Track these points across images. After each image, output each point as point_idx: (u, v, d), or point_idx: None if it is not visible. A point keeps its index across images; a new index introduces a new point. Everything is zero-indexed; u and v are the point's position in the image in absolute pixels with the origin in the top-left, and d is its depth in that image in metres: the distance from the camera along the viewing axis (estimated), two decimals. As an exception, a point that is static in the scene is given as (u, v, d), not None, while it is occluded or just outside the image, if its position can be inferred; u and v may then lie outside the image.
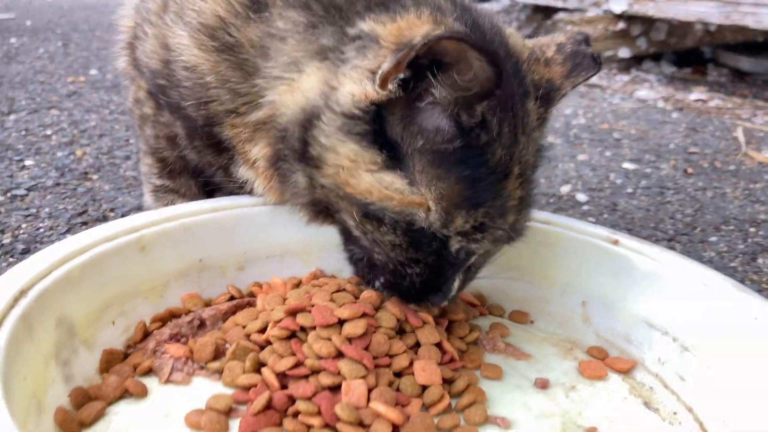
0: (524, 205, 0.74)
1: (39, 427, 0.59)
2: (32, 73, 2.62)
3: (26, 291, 0.65)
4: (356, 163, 0.70)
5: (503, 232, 0.72)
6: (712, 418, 0.71)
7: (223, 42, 0.80)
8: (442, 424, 0.67)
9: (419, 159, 0.68)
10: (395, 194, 0.69)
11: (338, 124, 0.70)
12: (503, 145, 0.69)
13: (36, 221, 1.27)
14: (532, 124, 0.74)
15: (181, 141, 0.96)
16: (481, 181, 0.68)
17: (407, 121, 0.69)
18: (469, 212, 0.68)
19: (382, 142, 0.69)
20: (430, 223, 0.69)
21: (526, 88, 0.74)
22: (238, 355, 0.73)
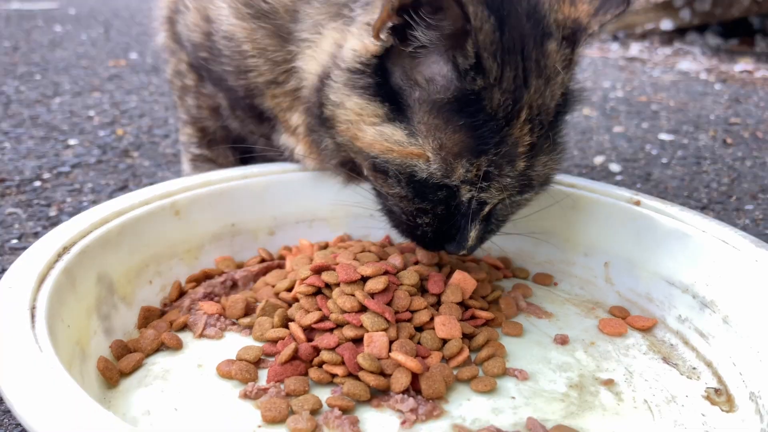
0: (538, 152, 0.71)
1: (83, 372, 0.63)
2: (75, 58, 2.70)
3: (69, 248, 0.69)
4: (361, 116, 0.71)
5: (512, 180, 0.70)
6: (731, 373, 0.72)
7: (258, 9, 0.82)
8: (460, 375, 0.69)
9: (419, 109, 0.69)
10: (395, 146, 0.70)
11: (344, 80, 0.72)
12: (505, 89, 0.67)
13: (80, 196, 1.33)
14: (553, 66, 0.71)
15: (224, 111, 0.99)
16: (479, 128, 0.67)
17: (407, 71, 0.70)
18: (470, 161, 0.68)
19: (385, 94, 0.70)
20: (431, 173, 0.69)
21: (546, 28, 0.71)
22: (267, 311, 0.76)
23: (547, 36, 0.71)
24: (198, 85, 1.01)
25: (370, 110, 0.71)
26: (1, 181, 1.36)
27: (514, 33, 0.67)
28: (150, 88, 2.29)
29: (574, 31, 0.74)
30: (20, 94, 2.09)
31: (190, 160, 1.12)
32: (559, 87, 0.72)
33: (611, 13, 0.75)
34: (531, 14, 0.70)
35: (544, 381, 0.71)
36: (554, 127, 0.73)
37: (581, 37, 0.74)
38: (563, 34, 0.72)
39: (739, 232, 0.79)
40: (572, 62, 0.74)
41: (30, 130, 1.73)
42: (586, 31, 0.74)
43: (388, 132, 0.70)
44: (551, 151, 0.73)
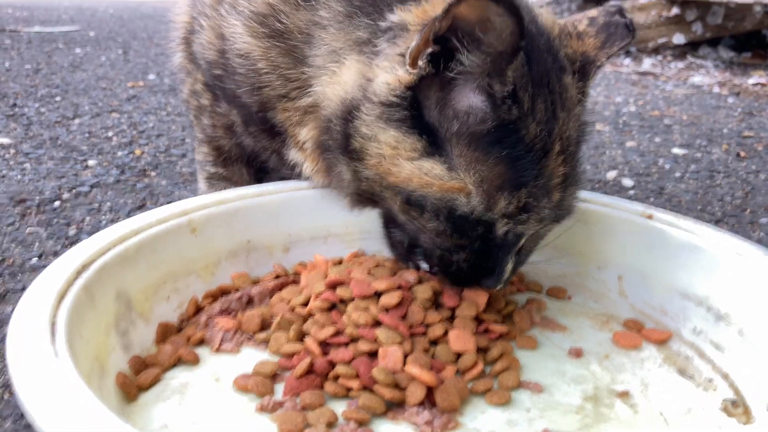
0: (569, 183, 0.73)
1: (101, 387, 0.64)
2: (95, 79, 2.75)
3: (88, 265, 0.70)
4: (397, 150, 0.71)
5: (549, 211, 0.71)
6: (748, 385, 0.72)
7: (273, 29, 0.83)
8: (475, 387, 0.70)
9: (457, 143, 0.69)
10: (435, 180, 0.69)
11: (377, 113, 0.72)
12: (538, 120, 0.68)
13: (98, 215, 1.35)
14: (572, 99, 0.74)
15: (238, 128, 1.00)
16: (520, 160, 0.68)
17: (442, 103, 0.69)
18: (511, 193, 0.68)
19: (421, 127, 0.70)
20: (473, 207, 0.69)
21: (561, 63, 0.74)
22: (283, 325, 0.77)
23: (563, 70, 0.73)
24: (213, 104, 1.02)
25: (408, 144, 0.70)
26: (22, 202, 1.39)
27: (540, 67, 0.69)
28: (168, 109, 2.33)
29: (584, 65, 0.77)
30: (41, 115, 2.13)
31: (205, 179, 1.14)
32: (577, 119, 0.75)
33: (617, 45, 0.78)
34: (548, 49, 0.73)
35: (559, 394, 0.71)
36: (577, 158, 0.75)
37: (590, 69, 0.77)
38: (575, 68, 0.76)
39: (753, 245, 0.79)
40: (585, 94, 0.77)
41: (50, 150, 1.77)
42: (595, 63, 0.77)
43: (427, 166, 0.70)
44: (577, 181, 0.75)
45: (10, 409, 0.77)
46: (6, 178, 1.53)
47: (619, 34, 0.79)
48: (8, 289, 1.03)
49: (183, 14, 1.04)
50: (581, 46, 0.78)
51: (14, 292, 1.02)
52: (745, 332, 0.74)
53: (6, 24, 4.39)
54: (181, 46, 1.07)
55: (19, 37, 3.87)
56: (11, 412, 0.76)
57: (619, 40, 0.78)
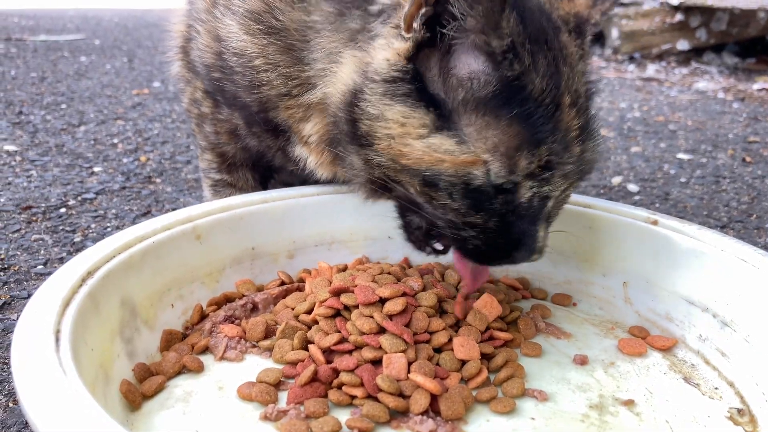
0: (587, 135, 0.72)
1: (106, 394, 0.64)
2: (100, 87, 2.77)
3: (93, 272, 0.71)
4: (405, 127, 0.70)
5: (572, 166, 0.70)
6: (754, 393, 0.71)
7: (269, 25, 0.83)
8: (479, 396, 0.69)
9: (464, 112, 0.68)
10: (446, 156, 0.68)
11: (381, 91, 0.71)
12: (542, 74, 0.68)
13: (104, 221, 1.36)
14: (573, 55, 0.74)
15: (242, 131, 1.00)
16: (532, 116, 0.67)
17: (444, 71, 0.69)
18: (531, 151, 0.67)
19: (427, 100, 0.69)
20: (493, 176, 0.68)
21: (555, 23, 0.74)
22: (287, 333, 0.77)
23: (559, 29, 0.74)
24: (214, 111, 1.02)
25: (415, 120, 0.69)
26: (28, 209, 1.40)
27: (534, 26, 0.69)
28: (172, 116, 2.33)
29: (578, 24, 0.77)
30: (46, 123, 2.14)
31: (210, 186, 1.14)
32: (581, 75, 0.74)
33: (609, 0, 0.78)
34: (540, 10, 0.74)
35: (564, 401, 0.71)
36: (590, 112, 0.75)
37: (586, 27, 0.77)
38: (569, 27, 0.76)
39: (758, 251, 0.78)
40: (585, 53, 0.77)
41: (56, 158, 1.77)
42: (589, 21, 0.78)
43: (437, 142, 0.69)
44: (595, 135, 0.74)
45: (14, 418, 0.77)
46: (12, 185, 1.53)
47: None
48: (14, 296, 1.04)
49: (179, 23, 1.05)
50: (572, 6, 0.78)
51: (20, 300, 1.03)
52: (751, 339, 0.74)
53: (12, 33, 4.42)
54: (179, 55, 1.08)
55: (24, 45, 3.90)
56: (15, 421, 0.76)
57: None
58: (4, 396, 0.81)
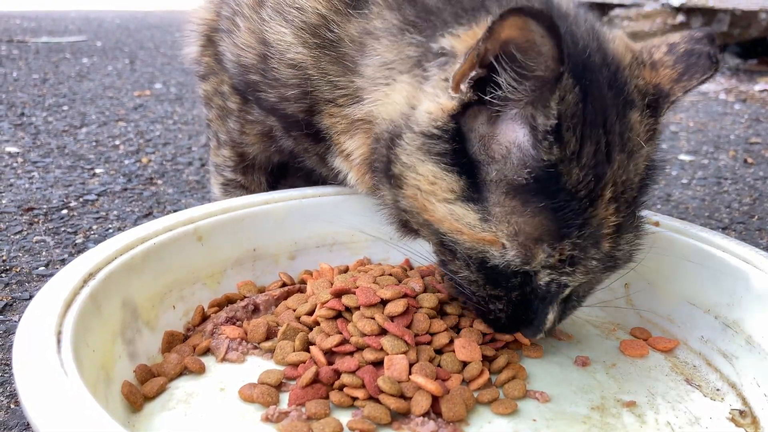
0: (624, 231, 0.67)
1: (107, 396, 0.65)
2: (102, 89, 2.77)
3: (94, 274, 0.71)
4: (434, 186, 0.67)
5: (597, 262, 0.66)
6: (756, 394, 0.71)
7: (324, 38, 0.81)
8: (481, 397, 0.69)
9: (495, 189, 0.64)
10: (465, 228, 0.65)
11: (418, 144, 0.68)
12: (584, 164, 0.62)
13: (105, 223, 1.36)
14: (636, 138, 0.67)
15: (278, 132, 0.97)
16: (561, 210, 0.62)
17: (487, 137, 0.65)
18: (552, 246, 0.63)
19: (462, 165, 0.66)
20: (508, 260, 0.65)
21: (627, 97, 0.67)
22: (289, 335, 0.77)
23: (630, 105, 0.67)
24: (242, 108, 0.99)
25: (445, 183, 0.66)
26: (30, 210, 1.40)
27: (597, 104, 0.63)
28: (174, 117, 2.34)
29: (657, 98, 0.69)
30: (48, 124, 2.14)
31: (221, 184, 1.12)
32: (644, 160, 0.68)
33: (696, 78, 0.69)
34: (612, 82, 0.66)
35: (566, 403, 0.71)
36: (638, 204, 0.69)
37: (663, 104, 0.69)
38: (646, 102, 0.68)
39: (760, 252, 0.78)
40: (656, 132, 0.69)
41: (57, 159, 1.78)
42: (669, 98, 0.69)
43: (460, 212, 0.66)
44: (636, 228, 0.69)
45: (16, 419, 0.77)
46: (14, 187, 1.54)
47: (700, 65, 0.70)
48: (15, 298, 1.04)
49: (205, 10, 1.02)
50: (655, 77, 0.70)
51: (21, 301, 1.03)
52: (753, 340, 0.74)
53: (14, 34, 4.43)
54: (201, 40, 1.04)
55: (26, 47, 3.90)
56: (17, 422, 0.76)
57: (699, 73, 0.69)
58: (6, 397, 0.81)
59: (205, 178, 1.65)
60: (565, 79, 0.59)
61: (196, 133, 2.10)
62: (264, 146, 1.03)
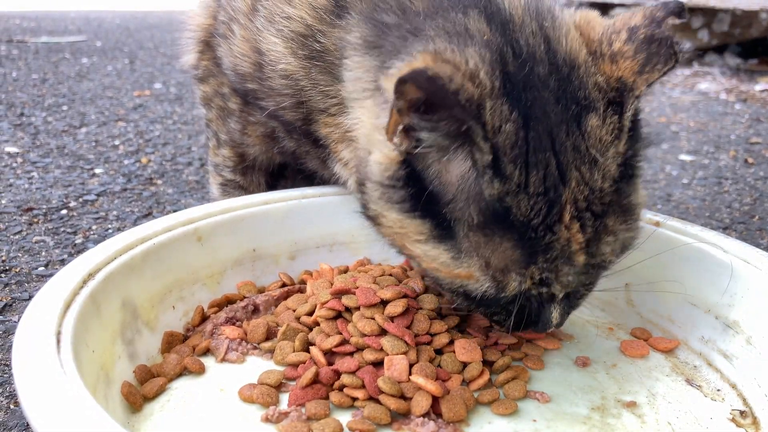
0: (598, 239, 0.63)
1: (107, 396, 0.64)
2: (101, 89, 2.77)
3: (94, 274, 0.71)
4: (405, 230, 0.66)
5: (574, 276, 0.63)
6: (757, 395, 0.71)
7: (312, 49, 0.80)
8: (481, 398, 0.69)
9: (460, 225, 0.63)
10: (441, 267, 0.65)
11: (378, 194, 0.67)
12: (532, 193, 0.60)
13: (105, 223, 1.36)
14: (598, 144, 0.62)
15: (280, 133, 0.96)
16: (520, 239, 0.61)
17: (441, 173, 0.63)
18: (520, 272, 0.62)
19: (425, 208, 0.64)
20: (485, 291, 0.64)
21: (583, 102, 0.63)
22: (288, 335, 0.77)
23: (586, 111, 0.63)
24: (243, 109, 0.98)
25: (413, 228, 0.65)
26: (29, 210, 1.40)
27: (542, 126, 0.60)
28: (174, 117, 2.33)
29: (621, 93, 0.63)
30: (48, 124, 2.14)
31: (220, 184, 1.11)
32: (613, 161, 0.63)
33: (658, 70, 0.63)
34: (563, 92, 0.63)
35: (566, 403, 0.71)
36: (613, 200, 0.64)
37: (628, 99, 0.63)
38: (608, 98, 0.63)
39: (761, 252, 0.78)
40: (623, 128, 0.63)
41: (57, 159, 1.77)
42: (633, 92, 0.63)
43: (432, 253, 0.64)
44: (618, 223, 0.65)
45: (15, 420, 0.77)
46: (13, 187, 1.54)
47: (661, 54, 0.63)
48: (15, 298, 1.04)
49: (201, 16, 1.02)
50: (616, 70, 0.64)
51: (21, 301, 1.03)
52: (753, 341, 0.74)
53: (13, 34, 4.42)
54: (198, 46, 1.04)
55: (26, 47, 3.90)
56: (17, 423, 0.76)
57: (661, 64, 0.63)
58: (6, 398, 0.81)
59: (204, 179, 1.64)
60: (490, 115, 0.57)
61: (196, 133, 2.10)
62: (266, 147, 1.02)
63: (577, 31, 0.68)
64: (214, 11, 0.98)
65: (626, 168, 0.65)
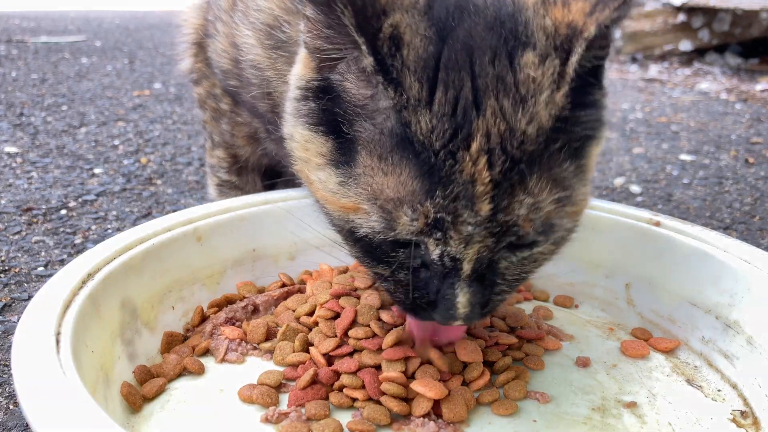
0: (511, 190, 0.55)
1: (107, 397, 0.64)
2: (101, 89, 2.77)
3: (93, 274, 0.70)
4: (308, 153, 0.61)
5: (475, 227, 0.55)
6: (757, 395, 0.71)
7: (277, 39, 0.80)
8: (482, 398, 0.69)
9: (359, 148, 0.57)
10: (329, 195, 0.59)
11: (291, 110, 0.64)
12: (436, 112, 0.54)
13: (105, 223, 1.35)
14: (527, 83, 0.55)
15: (261, 134, 0.96)
16: (417, 167, 0.54)
17: (350, 89, 0.58)
18: (413, 207, 0.54)
19: (329, 123, 0.59)
20: (372, 228, 0.57)
21: (522, 37, 0.57)
22: (288, 335, 0.77)
23: (523, 46, 0.57)
24: (233, 110, 0.99)
25: (314, 147, 0.60)
26: (29, 210, 1.39)
27: (461, 47, 0.56)
28: (173, 117, 2.33)
29: (568, 38, 0.57)
30: (47, 124, 2.14)
31: (216, 185, 1.12)
32: (545, 108, 0.56)
33: (609, 7, 0.56)
34: (499, 23, 0.57)
35: (566, 404, 0.71)
36: (541, 158, 0.56)
37: (576, 42, 0.56)
38: (555, 43, 0.57)
39: (761, 252, 0.78)
40: (565, 76, 0.56)
41: (56, 159, 1.77)
42: (582, 34, 0.56)
43: (324, 178, 0.59)
44: (543, 188, 0.56)
45: (15, 420, 0.77)
46: (13, 187, 1.53)
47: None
48: (14, 298, 1.03)
49: (194, 17, 1.02)
50: (567, 14, 0.58)
51: (20, 301, 1.03)
52: (754, 341, 0.74)
53: (13, 34, 4.42)
54: (192, 49, 1.04)
55: (25, 47, 3.90)
56: (16, 423, 0.76)
57: (612, 1, 0.56)
58: (5, 398, 0.81)
59: (204, 178, 1.64)
60: (392, 22, 0.54)
61: (196, 133, 2.10)
62: (252, 149, 1.03)
63: None
64: (204, 11, 0.98)
65: (564, 131, 0.57)
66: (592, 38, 0.56)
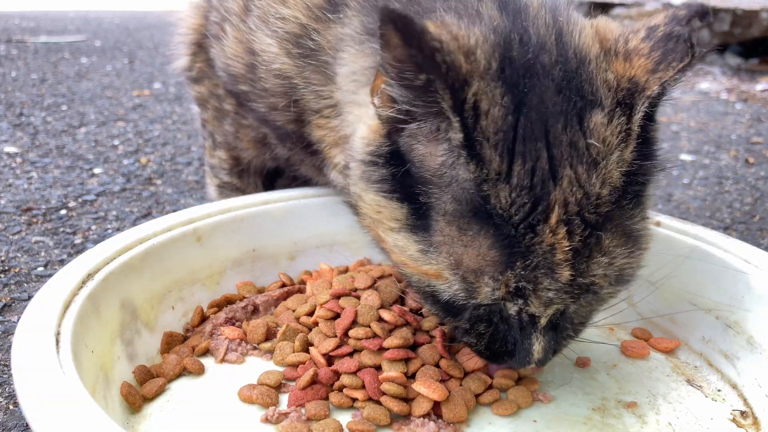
0: (590, 254, 0.56)
1: (106, 397, 0.64)
2: (101, 89, 2.77)
3: (93, 274, 0.70)
4: (380, 215, 0.61)
5: (556, 292, 0.56)
6: (757, 395, 0.71)
7: (306, 48, 0.78)
8: (482, 398, 0.69)
9: (437, 216, 0.57)
10: (409, 261, 0.60)
11: (359, 173, 0.63)
12: (515, 185, 0.54)
13: (104, 223, 1.35)
14: (601, 146, 0.56)
15: (272, 140, 0.95)
16: (497, 239, 0.55)
17: (425, 156, 0.58)
18: (494, 278, 0.56)
19: (403, 191, 0.60)
20: (453, 294, 0.58)
21: (588, 97, 0.57)
22: (288, 336, 0.77)
23: (591, 106, 0.57)
24: (237, 112, 0.97)
25: (388, 212, 0.60)
26: (29, 210, 1.39)
27: (535, 114, 0.55)
28: (173, 117, 2.33)
29: (631, 94, 0.58)
30: (47, 124, 2.14)
31: (217, 186, 1.11)
32: (616, 167, 0.56)
33: (672, 68, 0.57)
34: (566, 83, 0.57)
35: (566, 404, 0.71)
36: (613, 215, 0.57)
37: (638, 100, 0.57)
38: (618, 98, 0.58)
39: (762, 252, 0.78)
40: (632, 133, 0.57)
41: (56, 159, 1.77)
42: (644, 92, 0.57)
43: (402, 243, 0.60)
44: (617, 245, 0.58)
45: (15, 420, 0.77)
46: (12, 187, 1.53)
47: (677, 51, 0.57)
48: (14, 298, 1.03)
49: (192, 17, 1.01)
50: (629, 69, 0.58)
51: (20, 302, 1.03)
52: (754, 341, 0.74)
53: (13, 34, 4.42)
54: (190, 49, 1.03)
55: (25, 47, 3.90)
56: (16, 423, 0.76)
57: (676, 61, 0.57)
58: (5, 398, 0.80)
59: (204, 178, 1.64)
60: (474, 94, 0.53)
61: (196, 133, 2.09)
62: (258, 152, 1.02)
63: (592, 29, 0.63)
64: (204, 11, 0.97)
65: (632, 183, 0.58)
66: (655, 96, 0.57)
